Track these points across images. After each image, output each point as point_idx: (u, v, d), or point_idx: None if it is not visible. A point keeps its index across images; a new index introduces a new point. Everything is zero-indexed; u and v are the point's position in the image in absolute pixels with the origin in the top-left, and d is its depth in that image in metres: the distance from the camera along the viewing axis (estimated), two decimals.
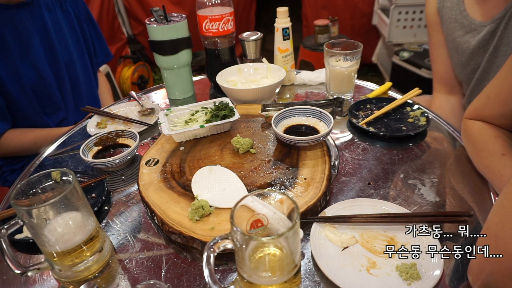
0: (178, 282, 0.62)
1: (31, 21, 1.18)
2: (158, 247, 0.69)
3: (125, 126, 1.06)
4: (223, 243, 0.49)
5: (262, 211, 0.54)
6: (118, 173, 0.88)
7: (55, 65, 1.25)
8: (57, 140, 1.07)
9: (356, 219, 0.67)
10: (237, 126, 0.96)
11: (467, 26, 1.09)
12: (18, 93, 1.17)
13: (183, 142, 0.91)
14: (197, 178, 0.76)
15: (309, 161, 0.80)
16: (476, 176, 0.80)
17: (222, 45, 1.17)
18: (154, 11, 1.09)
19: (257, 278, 0.50)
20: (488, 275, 0.51)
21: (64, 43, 1.29)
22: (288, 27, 1.13)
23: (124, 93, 2.82)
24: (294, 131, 0.88)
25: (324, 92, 1.20)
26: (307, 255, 0.64)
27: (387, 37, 2.63)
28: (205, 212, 0.67)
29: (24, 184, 0.60)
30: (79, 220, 0.61)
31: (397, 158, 0.87)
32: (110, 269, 0.65)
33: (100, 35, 1.51)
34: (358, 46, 1.06)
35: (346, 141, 0.95)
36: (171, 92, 1.23)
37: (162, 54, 1.12)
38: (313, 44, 2.76)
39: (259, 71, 1.16)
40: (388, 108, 1.00)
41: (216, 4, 1.11)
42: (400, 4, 2.50)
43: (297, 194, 0.72)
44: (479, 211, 0.71)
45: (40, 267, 0.61)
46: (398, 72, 2.43)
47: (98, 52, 1.51)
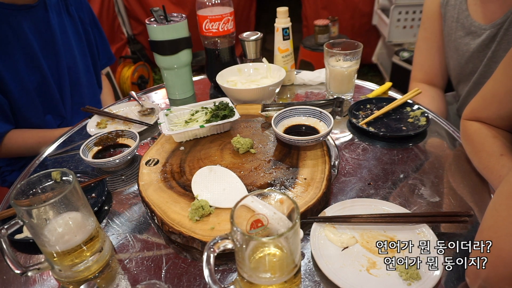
0: (178, 282, 0.62)
1: (35, 24, 1.18)
2: (158, 247, 0.69)
3: (125, 126, 1.06)
4: (223, 243, 0.49)
5: (262, 211, 0.54)
6: (118, 173, 0.88)
7: (57, 68, 1.26)
8: (57, 140, 1.07)
9: (356, 219, 0.67)
10: (237, 126, 0.96)
11: (467, 28, 1.09)
12: (20, 94, 1.17)
13: (183, 142, 0.91)
14: (197, 178, 0.76)
15: (309, 161, 0.80)
16: (475, 176, 0.80)
17: (222, 45, 1.17)
18: (154, 11, 1.09)
19: (257, 278, 0.50)
20: (484, 280, 0.51)
21: (68, 45, 1.29)
22: (288, 27, 1.13)
23: (124, 93, 2.82)
24: (294, 131, 0.88)
25: (324, 92, 1.20)
26: (307, 255, 0.64)
27: (387, 37, 2.63)
28: (205, 212, 0.67)
29: (24, 184, 0.60)
30: (79, 220, 0.61)
31: (397, 158, 0.87)
32: (110, 269, 0.65)
33: (104, 38, 1.52)
34: (358, 46, 1.06)
35: (346, 141, 0.95)
36: (171, 92, 1.23)
37: (162, 54, 1.12)
38: (313, 44, 2.76)
39: (259, 71, 1.16)
40: (388, 108, 1.00)
41: (216, 4, 1.11)
42: (400, 4, 2.49)
43: (297, 194, 0.72)
44: (479, 211, 0.71)
45: (40, 267, 0.61)
46: (398, 72, 2.43)
47: (101, 55, 1.51)
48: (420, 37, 1.29)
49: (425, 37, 1.26)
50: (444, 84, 1.31)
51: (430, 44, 1.25)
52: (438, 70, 1.27)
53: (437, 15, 1.20)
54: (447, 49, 1.21)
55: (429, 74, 1.29)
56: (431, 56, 1.26)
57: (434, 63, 1.26)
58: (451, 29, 1.15)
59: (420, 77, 1.31)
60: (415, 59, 1.33)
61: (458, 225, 0.68)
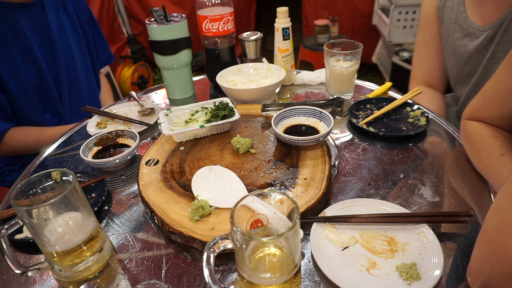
0: (178, 282, 0.62)
1: (33, 22, 1.18)
2: (158, 247, 0.69)
3: (125, 126, 1.06)
4: (223, 243, 0.49)
5: (262, 211, 0.54)
6: (118, 173, 0.88)
7: (54, 66, 1.26)
8: (57, 140, 1.07)
9: (356, 219, 0.67)
10: (237, 126, 0.96)
11: (465, 29, 1.09)
12: (19, 92, 1.17)
13: (183, 142, 0.91)
14: (197, 178, 0.76)
15: (309, 161, 0.80)
16: (476, 176, 0.80)
17: (222, 45, 1.17)
18: (154, 11, 1.09)
19: (257, 278, 0.50)
20: (486, 277, 0.51)
21: (66, 44, 1.29)
22: (288, 27, 1.13)
23: (124, 93, 2.82)
24: (294, 131, 0.88)
25: (324, 92, 1.20)
26: (307, 255, 0.64)
27: (387, 37, 2.63)
28: (205, 212, 0.67)
29: (24, 184, 0.60)
30: (79, 220, 0.61)
31: (397, 158, 0.87)
32: (110, 269, 0.65)
33: (103, 37, 1.52)
34: (358, 46, 1.06)
35: (346, 141, 0.95)
36: (171, 92, 1.23)
37: (162, 54, 1.12)
38: (313, 44, 2.76)
39: (259, 71, 1.16)
40: (388, 108, 1.00)
41: (216, 4, 1.11)
42: (400, 4, 2.49)
43: (297, 194, 0.72)
44: (479, 211, 0.71)
45: (40, 267, 0.61)
46: (398, 72, 2.43)
47: (100, 54, 1.51)
48: (418, 39, 1.30)
49: (423, 39, 1.26)
50: (443, 86, 1.31)
51: (429, 47, 1.25)
52: (437, 72, 1.27)
53: (435, 17, 1.20)
54: (445, 51, 1.21)
55: (428, 76, 1.29)
56: (429, 58, 1.26)
57: (433, 65, 1.26)
58: (449, 31, 1.15)
59: (420, 79, 1.31)
60: (414, 61, 1.33)
61: (458, 225, 0.68)
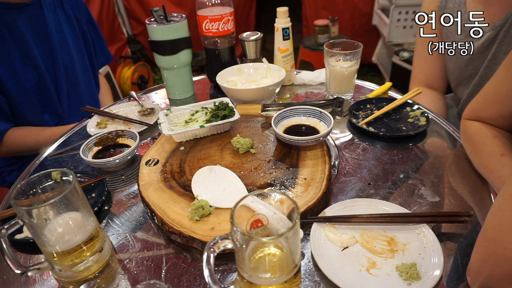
0: (178, 282, 0.62)
1: (31, 22, 1.18)
2: (158, 247, 0.69)
3: (125, 126, 1.06)
4: (223, 243, 0.49)
5: (262, 211, 0.54)
6: (118, 173, 0.88)
7: (53, 66, 1.25)
8: (57, 140, 1.07)
9: (356, 219, 0.67)
10: (237, 126, 0.96)
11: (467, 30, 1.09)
12: (18, 93, 1.17)
13: (183, 142, 0.91)
14: (197, 178, 0.76)
15: (309, 161, 0.80)
16: (476, 176, 0.80)
17: (222, 45, 1.17)
18: (154, 11, 1.09)
19: (257, 278, 0.50)
20: (486, 277, 0.51)
21: (65, 44, 1.29)
22: (288, 27, 1.13)
23: (124, 93, 2.82)
24: (294, 131, 0.88)
25: (324, 92, 1.20)
26: (307, 255, 0.64)
27: (387, 37, 2.63)
28: (205, 212, 0.67)
29: (24, 184, 0.60)
30: (79, 220, 0.61)
31: (397, 158, 0.87)
32: (110, 269, 0.65)
33: (101, 37, 1.52)
34: (358, 46, 1.06)
35: (346, 141, 0.95)
36: (171, 92, 1.23)
37: (162, 54, 1.12)
38: (313, 44, 2.76)
39: (259, 71, 1.16)
40: (388, 108, 1.00)
41: (216, 4, 1.11)
42: (400, 4, 2.49)
43: (297, 194, 0.72)
44: (479, 211, 0.71)
45: (40, 267, 0.61)
46: (398, 72, 2.42)
47: (98, 54, 1.51)
48: (417, 41, 1.29)
49: (423, 41, 1.26)
50: (444, 87, 1.30)
51: (428, 48, 1.25)
52: (437, 73, 1.27)
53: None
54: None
55: (429, 77, 1.28)
56: (430, 59, 1.26)
57: (433, 66, 1.26)
58: (450, 32, 1.15)
59: (420, 80, 1.31)
60: (415, 62, 1.32)
61: (458, 225, 0.68)
